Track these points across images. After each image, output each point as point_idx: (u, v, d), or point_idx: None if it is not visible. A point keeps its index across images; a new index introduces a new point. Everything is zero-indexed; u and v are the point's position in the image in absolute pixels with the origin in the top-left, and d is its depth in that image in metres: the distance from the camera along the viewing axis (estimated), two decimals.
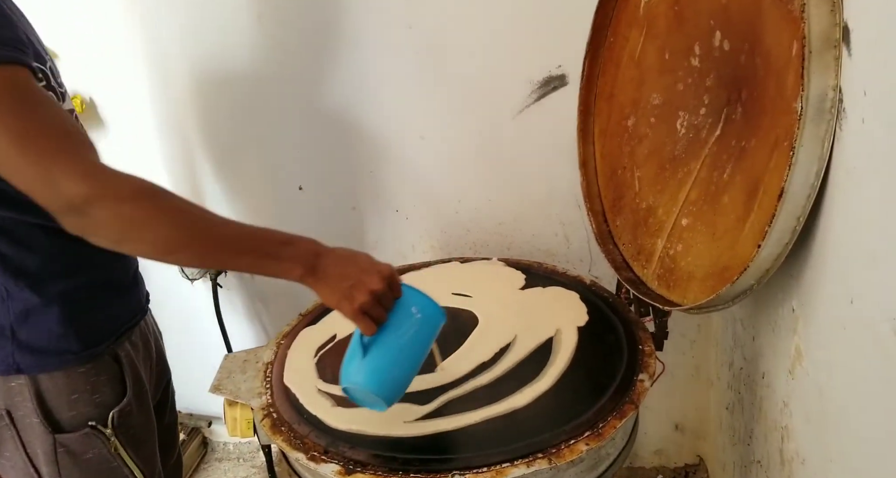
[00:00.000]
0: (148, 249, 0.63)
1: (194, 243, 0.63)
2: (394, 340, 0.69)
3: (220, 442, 1.69)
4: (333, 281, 0.67)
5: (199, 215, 0.64)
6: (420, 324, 0.71)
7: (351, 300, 0.67)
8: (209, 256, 0.66)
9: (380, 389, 0.68)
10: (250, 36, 1.19)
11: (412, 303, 0.71)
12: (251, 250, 0.65)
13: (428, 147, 1.23)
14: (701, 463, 1.43)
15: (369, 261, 0.70)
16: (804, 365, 0.71)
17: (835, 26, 0.56)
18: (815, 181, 0.60)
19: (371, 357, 0.68)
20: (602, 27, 0.98)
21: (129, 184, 0.60)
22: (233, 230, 0.65)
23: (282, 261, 0.66)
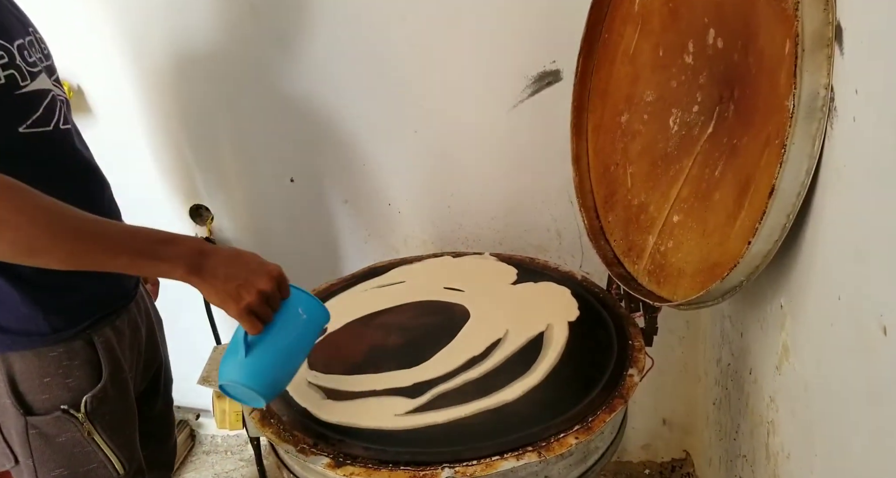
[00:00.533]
0: (7, 250, 0.59)
1: (62, 242, 0.60)
2: (279, 339, 0.70)
3: (207, 435, 1.68)
4: (219, 281, 0.66)
5: (66, 214, 0.61)
6: (305, 324, 0.72)
7: (238, 300, 0.66)
8: (80, 257, 0.62)
9: (261, 387, 0.69)
10: (243, 26, 1.18)
11: (299, 304, 0.71)
12: (128, 250, 0.63)
13: (421, 141, 1.23)
14: (687, 458, 1.44)
15: (257, 261, 0.69)
16: (791, 361, 0.72)
17: (827, 25, 0.56)
18: (806, 179, 0.60)
19: (253, 356, 0.68)
20: (597, 23, 0.98)
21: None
22: (106, 229, 0.63)
23: (162, 260, 0.64)
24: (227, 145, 1.31)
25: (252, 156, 1.32)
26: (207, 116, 1.29)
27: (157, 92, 1.26)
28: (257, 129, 1.28)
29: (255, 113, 1.27)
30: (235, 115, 1.28)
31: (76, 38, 1.22)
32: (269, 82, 1.23)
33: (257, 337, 0.69)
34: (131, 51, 1.23)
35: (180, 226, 1.40)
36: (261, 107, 1.26)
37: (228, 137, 1.30)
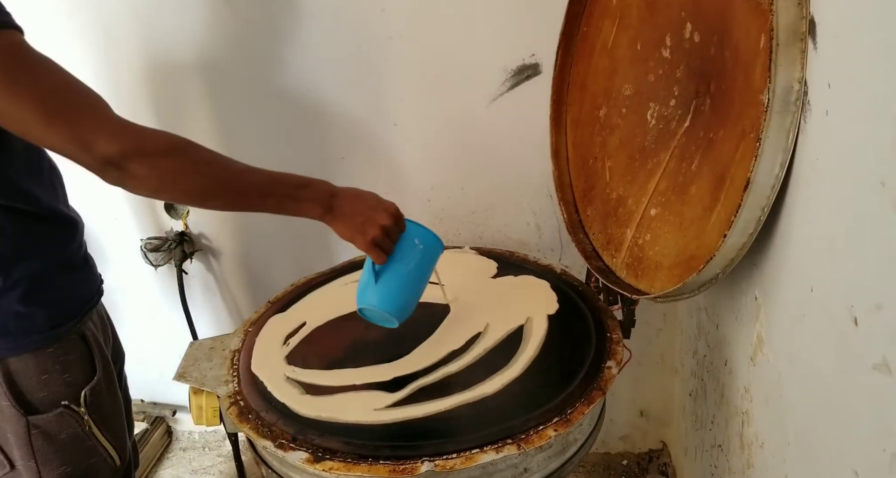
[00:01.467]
0: (183, 198, 0.69)
1: (224, 190, 0.70)
2: (401, 267, 0.79)
3: (184, 431, 1.66)
4: (348, 218, 0.75)
5: (226, 164, 0.70)
6: (423, 253, 0.81)
7: (364, 234, 0.75)
8: (238, 201, 0.71)
9: (393, 308, 0.79)
10: (215, 17, 1.15)
11: (415, 235, 0.81)
12: (274, 193, 0.72)
13: (400, 134, 1.22)
14: (664, 448, 1.47)
15: (377, 199, 0.78)
16: (765, 352, 0.73)
17: (801, 19, 0.57)
18: (780, 172, 0.61)
19: (382, 282, 0.79)
20: (575, 16, 0.98)
21: (161, 139, 0.65)
22: (257, 176, 0.72)
23: (302, 201, 0.73)
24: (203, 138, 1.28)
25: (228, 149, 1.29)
26: (182, 108, 1.26)
27: (131, 85, 1.23)
28: (233, 121, 1.26)
29: (231, 106, 1.25)
30: (211, 108, 1.25)
31: (49, 31, 1.18)
32: (247, 75, 1.21)
33: (383, 266, 0.79)
34: (105, 42, 1.19)
35: (154, 220, 1.38)
36: (238, 100, 1.24)
37: (203, 129, 1.27)
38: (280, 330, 0.94)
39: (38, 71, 0.61)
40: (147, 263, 1.38)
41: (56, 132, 0.60)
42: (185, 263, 1.37)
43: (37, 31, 1.17)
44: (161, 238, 1.37)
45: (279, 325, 0.96)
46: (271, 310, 1.00)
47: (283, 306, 1.01)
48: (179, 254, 1.35)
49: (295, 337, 0.92)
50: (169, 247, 1.35)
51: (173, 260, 1.36)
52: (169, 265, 1.39)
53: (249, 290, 1.44)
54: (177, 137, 0.67)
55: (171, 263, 1.37)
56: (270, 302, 1.03)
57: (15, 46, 0.60)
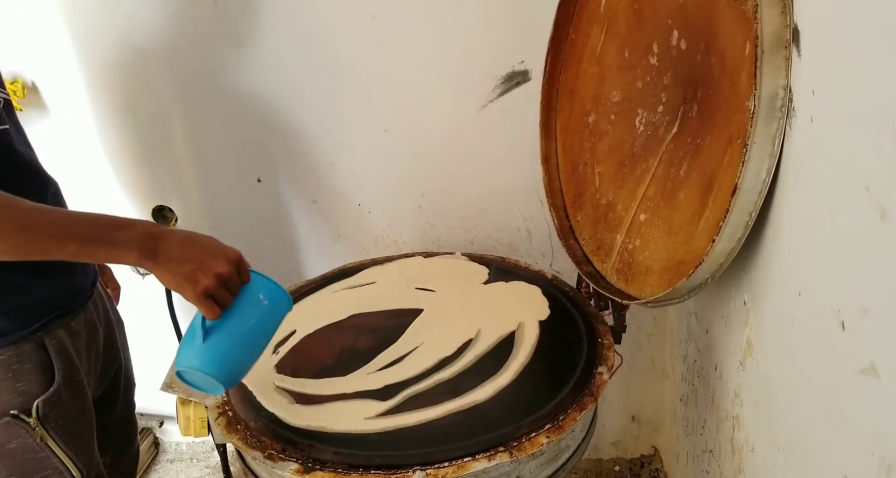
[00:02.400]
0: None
1: (4, 233, 0.59)
2: (238, 325, 0.68)
3: (172, 442, 1.64)
4: (175, 263, 0.64)
5: (18, 206, 0.60)
6: (267, 311, 0.70)
7: (194, 283, 0.64)
8: (27, 246, 0.61)
9: (220, 373, 0.67)
10: (206, 22, 1.15)
11: (259, 289, 0.70)
12: (76, 237, 0.61)
13: (391, 140, 1.22)
14: (656, 454, 1.47)
15: (214, 244, 0.68)
16: (755, 356, 0.74)
17: (785, 27, 0.58)
18: (767, 178, 0.62)
19: (212, 341, 0.67)
20: (564, 24, 0.99)
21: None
22: (51, 216, 0.62)
23: (114, 245, 0.63)
24: (192, 145, 1.28)
25: (217, 156, 1.29)
26: (170, 115, 1.25)
27: (116, 90, 1.22)
28: (223, 128, 1.25)
29: (220, 112, 1.24)
30: (200, 115, 1.25)
31: (29, 33, 1.17)
32: (236, 81, 1.20)
33: (216, 322, 0.67)
34: (87, 46, 1.19)
35: None
36: (226, 106, 1.23)
37: (192, 136, 1.27)
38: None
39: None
40: (134, 271, 1.37)
41: None
42: None
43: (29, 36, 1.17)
44: None
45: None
46: None
47: None
48: None
49: (284, 345, 0.92)
50: None
51: None
52: None
53: None
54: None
55: None
56: None
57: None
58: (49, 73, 1.22)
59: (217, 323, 0.67)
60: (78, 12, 1.16)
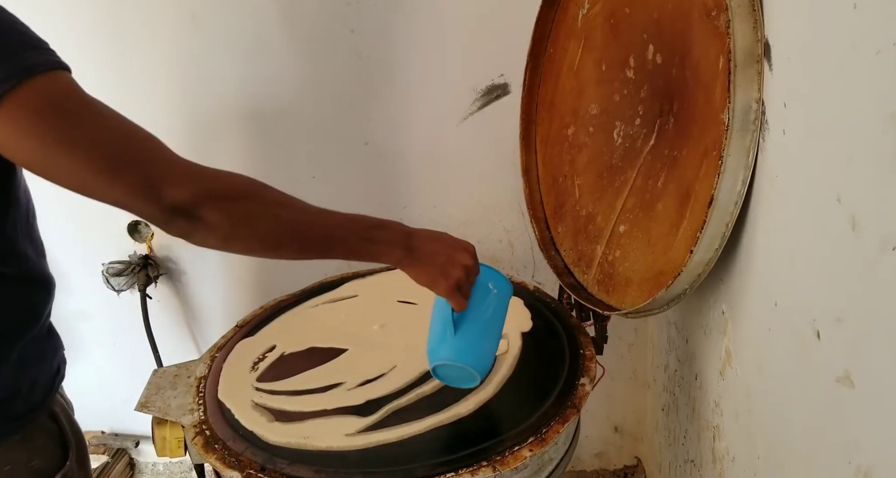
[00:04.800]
0: (256, 246, 0.61)
1: (299, 236, 0.62)
2: (479, 315, 0.70)
3: (148, 463, 1.59)
4: (427, 260, 0.67)
5: (300, 208, 0.63)
6: (498, 299, 0.73)
7: (447, 277, 0.67)
8: (312, 247, 0.64)
9: (476, 363, 0.69)
10: (185, 36, 1.14)
11: (488, 279, 0.73)
12: (350, 237, 0.65)
13: (372, 153, 1.22)
14: (639, 464, 1.47)
15: (453, 238, 0.71)
16: (734, 366, 0.74)
17: (757, 42, 0.59)
18: (742, 189, 0.63)
19: (462, 333, 0.69)
20: (542, 38, 1.00)
21: (233, 181, 0.60)
22: (331, 219, 0.65)
23: (378, 244, 0.66)
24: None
25: None
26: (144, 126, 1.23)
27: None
28: (199, 140, 1.24)
29: (198, 124, 1.23)
30: (174, 132, 1.23)
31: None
32: (214, 93, 1.19)
33: (460, 315, 0.70)
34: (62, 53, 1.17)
35: (116, 243, 1.34)
36: (205, 118, 1.22)
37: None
38: (248, 355, 0.92)
39: (91, 119, 0.54)
40: (109, 288, 1.34)
41: (119, 185, 0.54)
42: (149, 287, 1.33)
43: None
44: (124, 262, 1.32)
45: (247, 349, 0.93)
46: (239, 334, 0.98)
47: (252, 330, 0.98)
48: (143, 278, 1.31)
49: (264, 362, 0.90)
50: (132, 271, 1.31)
51: (137, 284, 1.32)
52: (132, 290, 1.34)
53: (216, 314, 1.40)
54: (248, 178, 0.61)
55: (134, 287, 1.33)
56: (238, 326, 1.01)
57: (63, 92, 0.54)
58: None
59: (462, 315, 0.70)
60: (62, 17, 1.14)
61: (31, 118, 0.51)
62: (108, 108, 0.56)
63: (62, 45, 0.58)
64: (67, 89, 0.54)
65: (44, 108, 0.51)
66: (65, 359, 0.77)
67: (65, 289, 1.38)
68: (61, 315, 1.40)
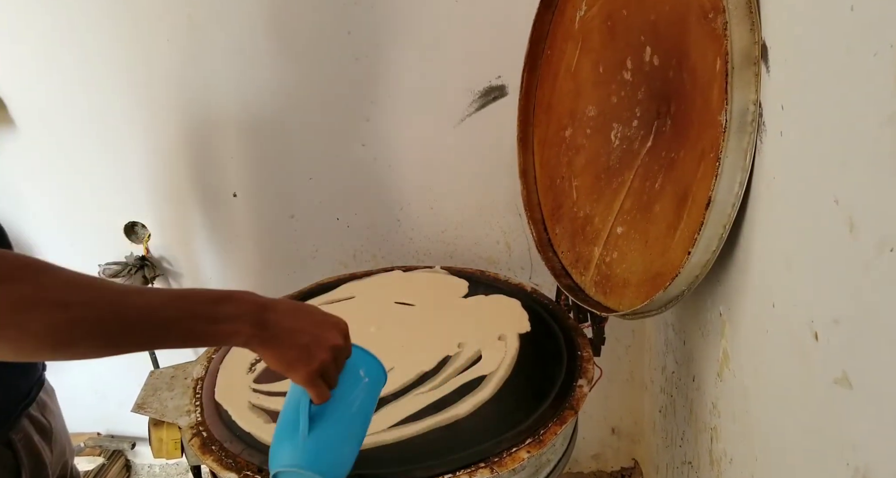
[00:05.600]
0: (35, 344, 0.45)
1: (101, 327, 0.47)
2: (344, 409, 0.59)
3: (144, 464, 1.59)
4: (285, 338, 0.54)
5: (105, 288, 0.48)
6: (368, 389, 0.62)
7: (309, 361, 0.55)
8: (125, 338, 0.48)
9: (330, 471, 0.57)
10: (179, 37, 1.14)
11: (360, 364, 0.62)
12: (180, 319, 0.50)
13: (368, 154, 1.22)
14: (636, 466, 1.47)
15: (321, 312, 0.59)
16: (731, 368, 0.74)
17: (754, 44, 0.59)
18: (740, 190, 0.63)
19: (319, 433, 0.57)
20: (539, 40, 1.00)
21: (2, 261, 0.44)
22: (151, 300, 0.49)
23: (221, 322, 0.51)
24: (162, 158, 1.26)
25: (192, 170, 1.27)
26: (139, 128, 1.23)
27: (85, 103, 1.20)
28: (195, 142, 1.24)
29: (194, 126, 1.22)
30: (170, 127, 1.23)
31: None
32: (211, 94, 1.19)
33: (321, 407, 0.58)
34: (56, 60, 1.16)
35: (113, 244, 1.33)
36: (201, 120, 1.22)
37: (163, 149, 1.25)
38: (245, 356, 0.92)
39: None
40: None
41: None
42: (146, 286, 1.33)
43: (12, 47, 1.14)
44: (120, 263, 1.32)
45: (244, 351, 0.93)
46: None
47: None
48: (139, 279, 1.31)
49: (261, 363, 0.90)
50: (129, 272, 1.31)
51: (133, 282, 1.32)
52: None
53: None
54: (22, 257, 0.47)
55: None
56: None
57: None
58: (18, 89, 1.20)
59: (322, 408, 0.58)
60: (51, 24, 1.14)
61: None
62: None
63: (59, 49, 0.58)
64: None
65: None
66: (42, 383, 0.71)
67: None
68: None
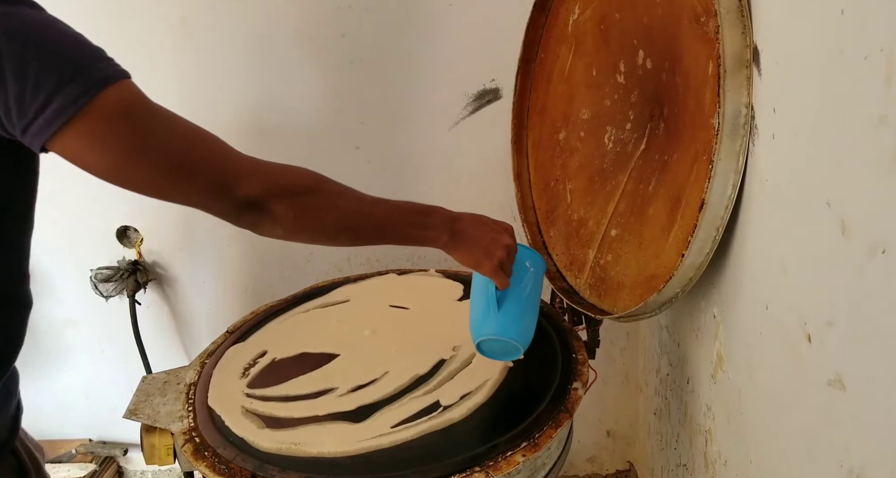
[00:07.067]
0: (318, 235, 0.66)
1: (357, 226, 0.67)
2: (519, 292, 0.76)
3: (136, 471, 1.57)
4: (471, 242, 0.71)
5: (357, 198, 0.67)
6: (535, 276, 0.78)
7: (490, 257, 0.71)
8: (368, 235, 0.68)
9: (519, 337, 0.75)
10: (175, 41, 1.14)
11: (524, 257, 0.77)
12: (402, 223, 0.69)
13: (362, 157, 1.22)
14: (631, 468, 1.47)
15: (493, 220, 0.74)
16: (725, 370, 0.74)
17: (746, 48, 0.60)
18: (733, 193, 0.63)
19: (505, 309, 0.74)
20: (533, 43, 1.01)
21: (299, 175, 0.64)
22: (385, 208, 0.68)
23: (428, 229, 0.69)
24: None
25: None
26: None
27: None
28: None
29: None
30: None
31: None
32: (204, 97, 1.18)
33: (502, 292, 0.75)
34: None
35: (105, 249, 1.32)
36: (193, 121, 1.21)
37: None
38: (239, 361, 0.91)
39: (161, 125, 0.56)
40: (98, 294, 1.32)
41: (193, 187, 0.57)
42: (137, 293, 1.32)
43: None
44: (112, 268, 1.31)
45: (238, 355, 0.93)
46: (230, 340, 0.97)
47: (242, 335, 0.97)
48: (132, 284, 1.30)
49: (255, 368, 0.89)
50: (121, 277, 1.30)
51: (125, 290, 1.30)
52: (121, 296, 1.33)
53: (206, 319, 1.39)
54: (309, 172, 0.65)
55: (123, 293, 1.32)
56: (229, 331, 1.00)
57: (132, 101, 0.55)
58: None
59: (503, 293, 0.75)
60: None
61: (107, 130, 0.53)
62: (171, 113, 0.59)
63: None
64: (136, 98, 0.56)
65: (117, 119, 0.53)
66: (20, 404, 0.73)
67: (52, 295, 1.36)
68: (48, 322, 1.39)
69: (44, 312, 1.37)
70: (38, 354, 1.40)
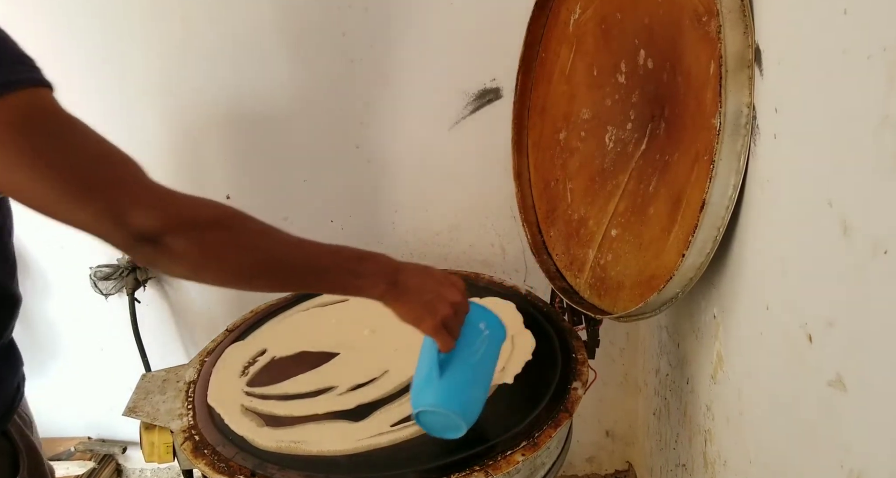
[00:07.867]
0: (227, 277, 0.58)
1: (276, 268, 0.59)
2: (468, 357, 0.66)
3: (135, 469, 1.57)
4: (412, 294, 0.64)
5: (279, 239, 0.60)
6: (489, 340, 0.69)
7: (433, 314, 0.64)
8: (291, 280, 0.62)
9: (462, 409, 0.65)
10: (175, 40, 1.13)
11: (479, 319, 0.69)
12: (332, 269, 0.62)
13: (362, 156, 1.22)
14: (630, 469, 1.47)
15: (443, 273, 0.68)
16: (725, 370, 0.74)
17: (748, 47, 0.60)
18: (733, 193, 0.63)
19: (449, 376, 0.65)
20: (534, 43, 1.01)
21: (206, 209, 0.56)
22: (313, 251, 0.61)
23: (362, 277, 0.62)
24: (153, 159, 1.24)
25: (184, 171, 1.26)
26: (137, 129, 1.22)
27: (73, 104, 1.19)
28: (190, 144, 1.23)
29: (188, 128, 1.22)
30: (161, 127, 1.22)
31: None
32: (204, 96, 1.18)
33: (447, 356, 0.66)
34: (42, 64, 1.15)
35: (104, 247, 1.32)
36: (195, 122, 1.21)
37: (154, 149, 1.24)
38: (238, 359, 0.91)
39: (66, 138, 0.52)
40: (97, 292, 1.32)
41: (84, 208, 0.51)
42: (137, 291, 1.32)
43: None
44: (112, 266, 1.31)
45: (237, 353, 0.92)
46: (229, 338, 0.97)
47: (242, 334, 0.97)
48: (132, 282, 1.30)
49: (254, 366, 0.89)
50: (121, 275, 1.30)
51: (125, 288, 1.30)
52: (120, 294, 1.33)
53: (206, 318, 1.39)
54: (224, 206, 0.58)
55: (122, 291, 1.32)
56: (228, 330, 1.00)
57: (41, 110, 0.51)
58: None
59: (448, 357, 0.66)
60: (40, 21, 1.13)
61: (4, 134, 0.49)
62: (88, 129, 0.54)
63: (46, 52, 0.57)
64: (45, 107, 0.52)
65: (17, 124, 0.49)
66: (24, 376, 0.74)
67: (51, 293, 1.36)
68: (47, 321, 1.38)
69: (43, 310, 1.37)
70: (38, 352, 1.40)
